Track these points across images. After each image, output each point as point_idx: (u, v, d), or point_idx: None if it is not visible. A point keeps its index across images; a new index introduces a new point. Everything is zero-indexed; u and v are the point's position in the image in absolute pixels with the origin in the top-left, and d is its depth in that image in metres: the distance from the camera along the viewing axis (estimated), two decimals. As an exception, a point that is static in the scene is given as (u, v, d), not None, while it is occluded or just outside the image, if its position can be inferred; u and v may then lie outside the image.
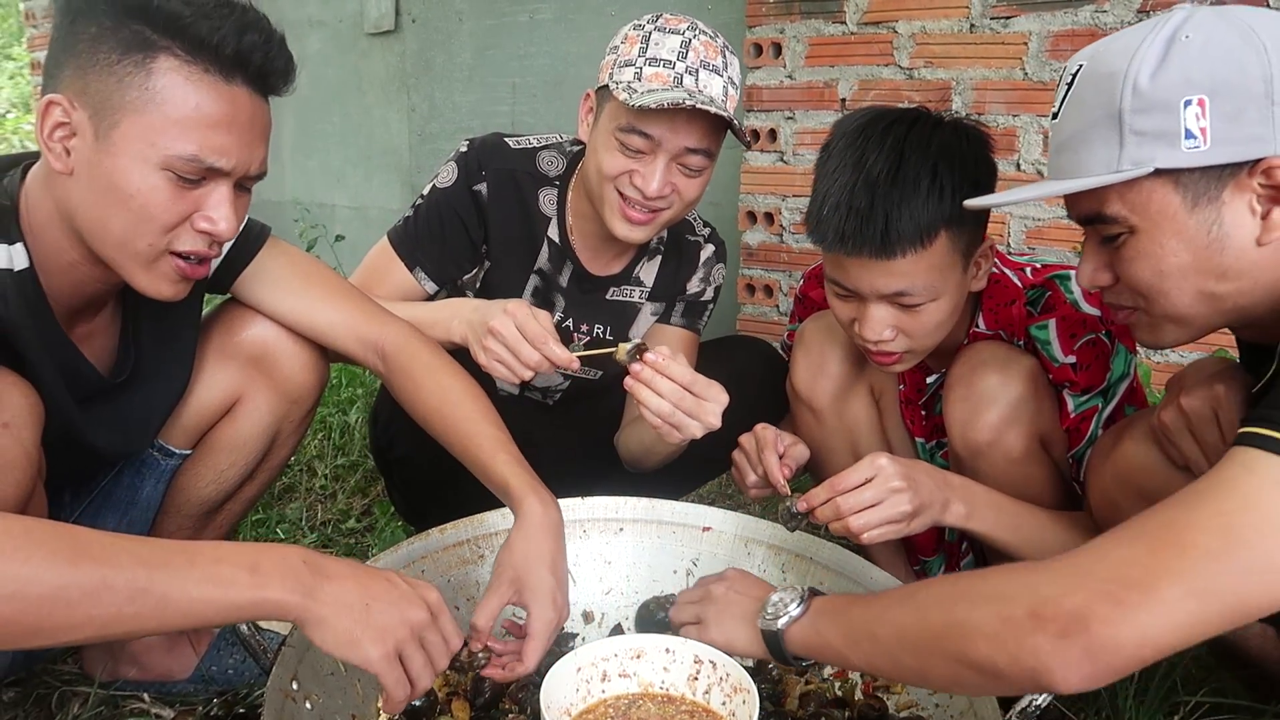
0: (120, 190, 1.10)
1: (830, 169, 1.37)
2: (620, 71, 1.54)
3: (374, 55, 3.92)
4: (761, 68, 2.67)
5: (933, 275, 1.36)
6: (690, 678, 1.28)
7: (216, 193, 1.14)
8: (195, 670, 1.52)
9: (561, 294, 1.80)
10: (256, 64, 1.12)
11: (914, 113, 1.40)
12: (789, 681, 1.36)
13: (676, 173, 1.55)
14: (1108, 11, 2.15)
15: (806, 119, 2.63)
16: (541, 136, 1.78)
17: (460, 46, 3.63)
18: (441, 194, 1.71)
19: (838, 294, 1.45)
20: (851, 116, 1.43)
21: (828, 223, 1.35)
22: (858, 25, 2.49)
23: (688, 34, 1.54)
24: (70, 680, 1.50)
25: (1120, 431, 1.30)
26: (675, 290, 1.86)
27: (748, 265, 2.82)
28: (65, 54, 1.10)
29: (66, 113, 1.09)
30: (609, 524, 1.58)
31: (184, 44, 1.08)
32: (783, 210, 2.72)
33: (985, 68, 2.34)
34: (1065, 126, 1.07)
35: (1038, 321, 1.47)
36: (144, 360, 1.34)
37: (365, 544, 2.06)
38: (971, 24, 2.33)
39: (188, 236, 1.15)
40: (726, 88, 1.55)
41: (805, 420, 1.70)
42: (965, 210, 1.32)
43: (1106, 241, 1.07)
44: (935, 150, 1.34)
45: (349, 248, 4.01)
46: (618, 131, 1.53)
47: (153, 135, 1.08)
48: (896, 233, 1.31)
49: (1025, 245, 2.37)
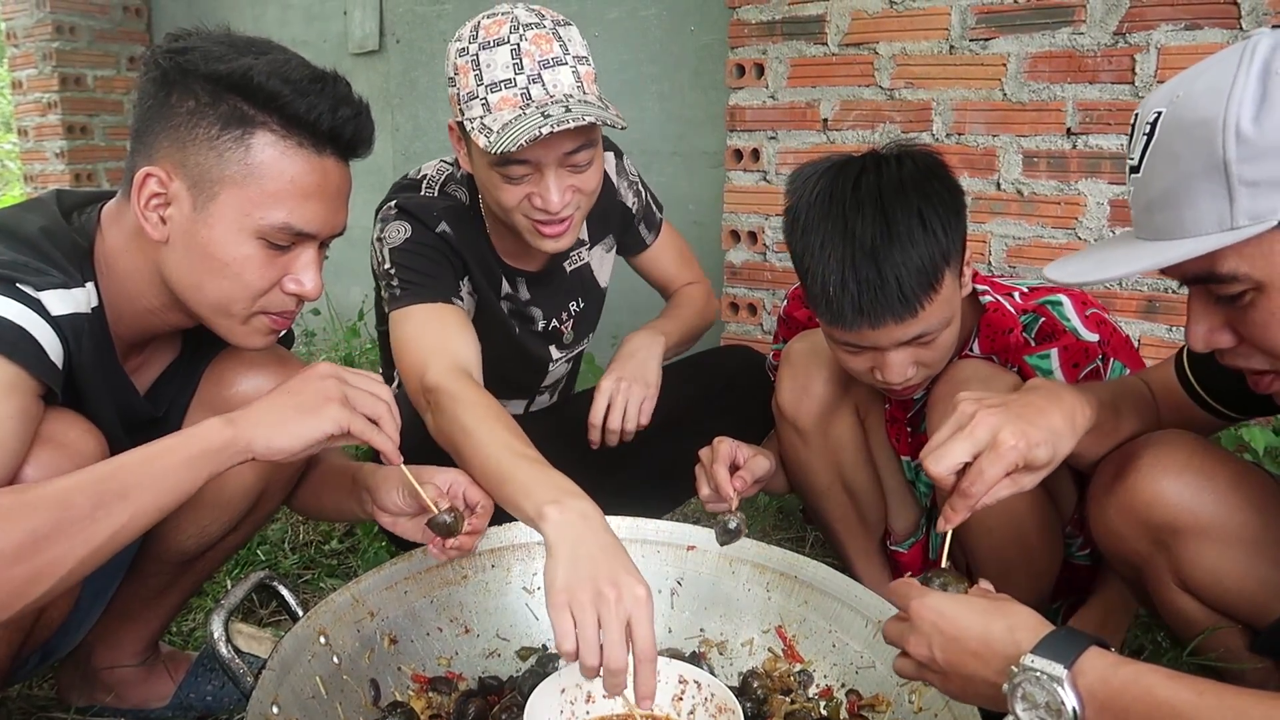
0: (217, 259, 1.15)
1: (816, 245, 1.35)
2: (469, 107, 1.49)
3: (358, 75, 3.92)
4: (744, 88, 2.69)
5: (944, 309, 1.37)
6: (675, 698, 1.27)
7: (304, 256, 1.20)
8: (173, 698, 1.50)
9: (531, 305, 1.82)
10: (348, 136, 1.18)
11: (872, 158, 1.38)
12: (774, 701, 1.36)
13: (568, 176, 1.53)
14: (1085, 34, 2.18)
15: (789, 139, 2.64)
16: (434, 174, 1.73)
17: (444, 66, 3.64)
18: (408, 244, 1.62)
19: (850, 351, 1.43)
20: (805, 180, 1.39)
21: (840, 302, 1.33)
22: (839, 46, 2.52)
23: (513, 39, 1.46)
24: (45, 705, 1.48)
25: (1123, 460, 1.27)
26: (617, 216, 1.88)
27: (731, 284, 2.83)
28: (160, 125, 1.14)
29: (163, 183, 1.13)
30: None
31: (281, 119, 1.13)
32: (766, 229, 2.74)
33: (965, 88, 2.36)
34: (1155, 182, 0.96)
35: (1038, 351, 1.47)
36: (182, 392, 1.36)
37: (349, 565, 2.04)
38: (951, 45, 2.36)
39: (278, 299, 1.21)
40: (576, 70, 1.48)
41: (790, 440, 1.70)
42: (953, 240, 1.34)
43: (1224, 301, 0.97)
44: (912, 194, 1.33)
45: (333, 268, 3.98)
46: (495, 168, 1.50)
47: (249, 207, 1.13)
48: (911, 289, 1.31)
49: (1006, 264, 2.39)
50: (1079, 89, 2.22)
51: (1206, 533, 1.21)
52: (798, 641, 1.45)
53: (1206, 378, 1.31)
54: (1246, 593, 1.21)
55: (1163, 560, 1.26)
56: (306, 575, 1.99)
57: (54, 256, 1.11)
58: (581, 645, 1.03)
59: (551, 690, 1.23)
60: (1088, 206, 2.26)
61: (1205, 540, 1.21)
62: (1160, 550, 1.25)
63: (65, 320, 1.08)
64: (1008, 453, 1.08)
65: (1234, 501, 1.21)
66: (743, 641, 1.50)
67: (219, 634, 1.17)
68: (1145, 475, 1.23)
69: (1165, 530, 1.23)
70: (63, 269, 1.11)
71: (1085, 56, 2.20)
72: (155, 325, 1.25)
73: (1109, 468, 1.29)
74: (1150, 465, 1.23)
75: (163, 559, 1.42)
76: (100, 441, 1.12)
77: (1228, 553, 1.21)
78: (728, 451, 1.49)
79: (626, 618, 1.03)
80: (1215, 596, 1.24)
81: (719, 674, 1.45)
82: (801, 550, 1.99)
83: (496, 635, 1.48)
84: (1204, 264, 0.94)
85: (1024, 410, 1.12)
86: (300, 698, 1.18)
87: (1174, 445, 1.24)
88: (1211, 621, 1.27)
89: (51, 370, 1.05)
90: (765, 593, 1.51)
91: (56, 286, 1.09)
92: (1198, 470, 1.21)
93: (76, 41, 4.65)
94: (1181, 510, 1.21)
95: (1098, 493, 1.30)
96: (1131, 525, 1.25)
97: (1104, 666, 0.85)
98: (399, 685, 1.35)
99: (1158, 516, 1.23)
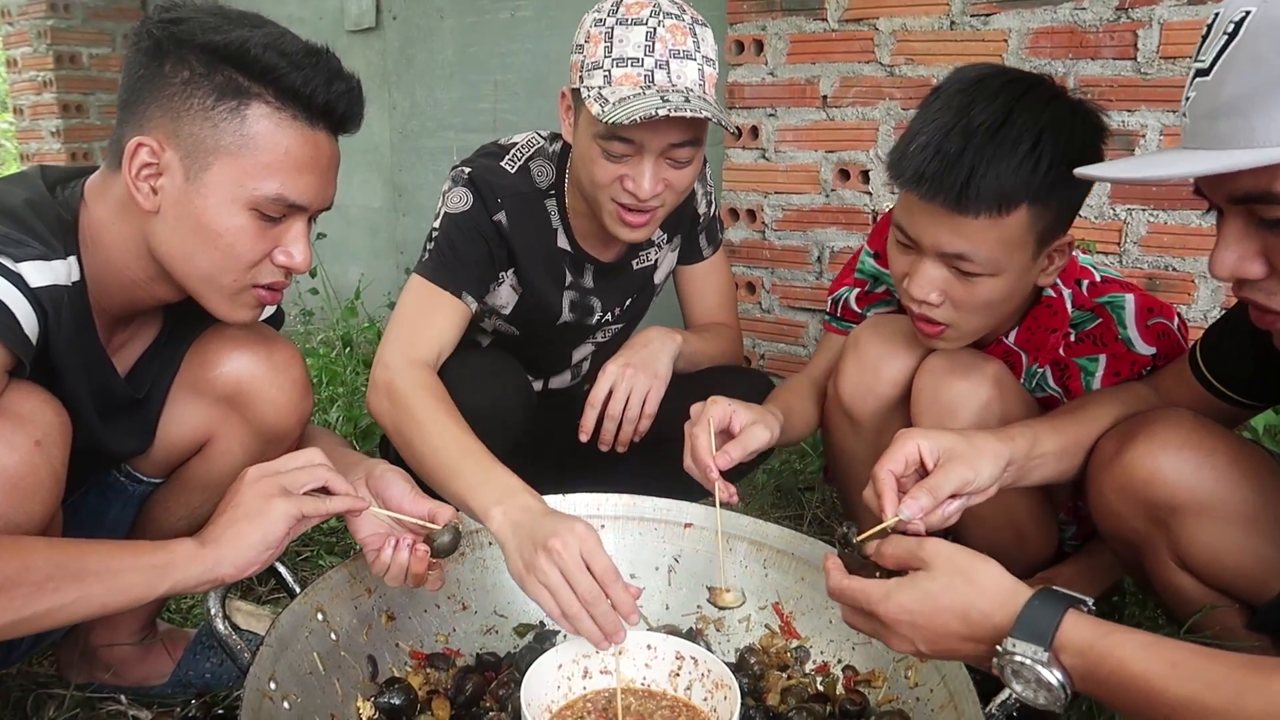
0: (209, 229, 1.15)
1: (933, 110, 1.29)
2: (590, 76, 1.50)
3: (355, 52, 3.89)
4: (743, 65, 2.67)
5: (999, 248, 1.27)
6: (672, 674, 1.28)
7: (295, 228, 1.21)
8: (172, 675, 1.51)
9: (594, 295, 1.82)
10: (340, 111, 1.18)
11: (1035, 77, 1.31)
12: (771, 677, 1.36)
13: (666, 168, 1.53)
14: (1087, 9, 2.16)
15: (788, 116, 2.63)
16: (524, 144, 1.74)
17: (442, 44, 3.62)
18: (461, 218, 1.65)
19: (899, 240, 1.37)
20: (972, 66, 1.35)
21: (911, 159, 1.26)
22: (839, 22, 2.50)
23: (651, 22, 1.47)
24: (45, 683, 1.48)
25: (1122, 439, 1.26)
26: (688, 219, 1.88)
27: (731, 262, 2.82)
28: (152, 95, 1.13)
29: (155, 154, 1.13)
30: (591, 521, 1.57)
31: (276, 92, 1.13)
32: (765, 207, 2.72)
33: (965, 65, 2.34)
34: (1229, 86, 0.88)
35: (1088, 354, 1.44)
36: (164, 372, 1.35)
37: (347, 542, 2.04)
38: (952, 21, 2.34)
39: (268, 270, 1.22)
40: (702, 69, 1.50)
41: (841, 426, 1.61)
42: (1054, 191, 1.25)
43: (1266, 225, 0.92)
44: (1046, 118, 1.24)
45: (331, 247, 3.98)
46: (599, 139, 1.50)
47: (243, 178, 1.14)
48: (977, 189, 1.22)
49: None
50: (1081, 65, 2.20)
51: (1205, 510, 1.21)
52: (795, 618, 1.46)
53: (1218, 367, 1.30)
54: (1244, 570, 1.22)
55: (1161, 538, 1.26)
56: (305, 553, 2.00)
57: (36, 228, 1.10)
58: (560, 602, 1.14)
59: (549, 666, 1.23)
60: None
61: (1203, 518, 1.21)
62: (1158, 528, 1.25)
63: (44, 292, 1.07)
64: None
65: (1232, 479, 1.20)
66: (740, 618, 1.50)
67: (216, 611, 1.17)
68: (1143, 453, 1.22)
69: (1163, 508, 1.23)
70: (44, 240, 1.10)
71: (1087, 32, 2.18)
72: (140, 298, 1.24)
73: (1108, 445, 1.28)
74: (1148, 443, 1.22)
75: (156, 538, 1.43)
76: (60, 414, 1.10)
77: (1226, 530, 1.21)
78: (720, 414, 1.37)
79: (579, 556, 1.14)
80: (1213, 574, 1.24)
81: (716, 650, 1.45)
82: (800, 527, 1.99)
83: (494, 612, 1.48)
84: (1262, 180, 0.87)
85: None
86: (298, 674, 1.19)
87: (1172, 423, 1.23)
88: (1209, 599, 1.27)
89: (22, 341, 1.04)
90: (763, 569, 1.51)
91: (36, 258, 1.07)
92: (1196, 447, 1.21)
93: (71, 19, 4.61)
94: (1180, 488, 1.21)
95: (1096, 471, 1.29)
96: (1130, 503, 1.25)
97: (1081, 639, 0.85)
98: (397, 661, 1.36)
99: (1156, 494, 1.22)
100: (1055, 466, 1.28)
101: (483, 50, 3.50)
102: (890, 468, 1.14)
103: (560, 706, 1.23)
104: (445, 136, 3.69)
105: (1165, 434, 1.22)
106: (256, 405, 1.37)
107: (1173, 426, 1.23)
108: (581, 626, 1.14)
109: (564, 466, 1.88)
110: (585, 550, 1.15)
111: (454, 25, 3.56)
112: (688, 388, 1.70)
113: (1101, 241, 2.24)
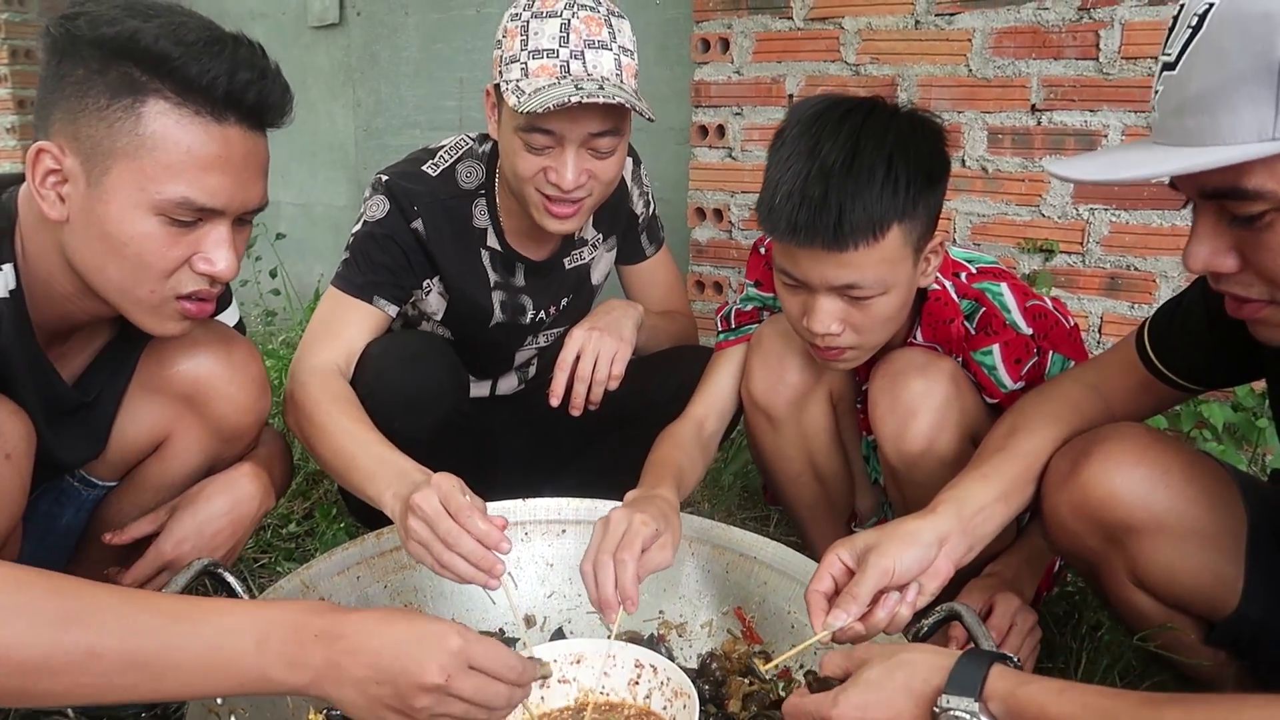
0: (115, 238, 1.07)
1: (784, 156, 1.33)
2: (508, 69, 1.51)
3: (318, 49, 3.84)
4: (709, 63, 2.66)
5: (884, 269, 1.33)
6: (631, 682, 1.26)
7: (215, 233, 1.12)
8: (122, 684, 1.47)
9: (524, 294, 1.80)
10: (250, 102, 1.09)
11: (870, 102, 1.37)
12: (732, 683, 1.35)
13: (588, 158, 1.53)
14: (1050, 9, 2.17)
15: (754, 114, 2.62)
16: (450, 147, 1.75)
17: (406, 40, 3.57)
18: (377, 225, 1.66)
19: (787, 284, 1.41)
20: (807, 102, 1.39)
21: (780, 212, 1.31)
22: (804, 21, 2.49)
23: (566, 14, 1.48)
24: (-11, 697, 1.44)
25: (1075, 457, 1.24)
26: (623, 219, 1.88)
27: (697, 262, 2.81)
28: (54, 97, 1.07)
29: (57, 160, 1.06)
30: (551, 526, 1.55)
31: (174, 86, 1.05)
32: (731, 206, 2.71)
33: (930, 64, 2.34)
34: (1194, 82, 0.87)
35: (982, 346, 1.46)
36: (116, 377, 1.31)
37: (306, 548, 2.01)
38: (917, 20, 2.34)
39: (189, 279, 1.13)
40: (619, 59, 1.50)
41: (761, 427, 1.66)
42: (918, 203, 1.31)
43: (1238, 221, 0.91)
44: (891, 141, 1.31)
45: (294, 246, 3.93)
46: (519, 132, 1.51)
47: (144, 180, 1.05)
48: (850, 224, 1.27)
49: (970, 241, 2.38)
50: (1043, 65, 2.21)
51: (1161, 529, 1.19)
52: (757, 623, 1.45)
53: (1166, 354, 1.29)
54: (1201, 587, 1.21)
55: (1117, 557, 1.24)
56: (263, 560, 1.96)
57: None
58: (433, 553, 1.14)
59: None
60: (1052, 184, 2.25)
61: (1159, 536, 1.20)
62: (1114, 547, 1.23)
63: None
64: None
65: (1188, 495, 1.19)
66: (702, 623, 1.49)
67: (160, 623, 1.13)
68: (1098, 472, 1.19)
69: (1119, 528, 1.21)
70: None
71: (1050, 32, 2.18)
72: (73, 312, 1.19)
73: (1061, 464, 1.25)
74: (1103, 461, 1.20)
75: (108, 543, 1.39)
76: (26, 424, 1.08)
77: (1181, 548, 1.19)
78: (643, 535, 1.25)
79: (438, 504, 1.13)
80: (1170, 592, 1.23)
81: (678, 656, 1.44)
82: (766, 530, 1.98)
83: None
84: (1229, 177, 0.86)
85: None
86: (246, 687, 1.15)
87: (1126, 440, 1.21)
88: (1165, 617, 1.26)
89: None
90: (725, 573, 1.50)
91: None
92: (1152, 464, 1.19)
93: (26, 13, 4.51)
94: (1135, 507, 1.19)
95: (1050, 490, 1.26)
96: (1085, 523, 1.23)
97: (1005, 690, 0.91)
98: (351, 672, 1.33)
99: (1111, 514, 1.20)
100: (1004, 511, 1.24)
101: (448, 47, 3.46)
102: (817, 587, 1.15)
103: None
104: (410, 134, 3.65)
105: (1119, 452, 1.20)
106: (214, 404, 1.34)
107: (1127, 444, 1.20)
108: (458, 570, 1.13)
109: (525, 469, 1.87)
110: (442, 496, 1.14)
111: (419, 21, 3.52)
112: (647, 369, 1.70)
113: (1065, 241, 2.26)
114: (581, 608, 1.50)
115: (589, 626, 1.49)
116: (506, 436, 1.92)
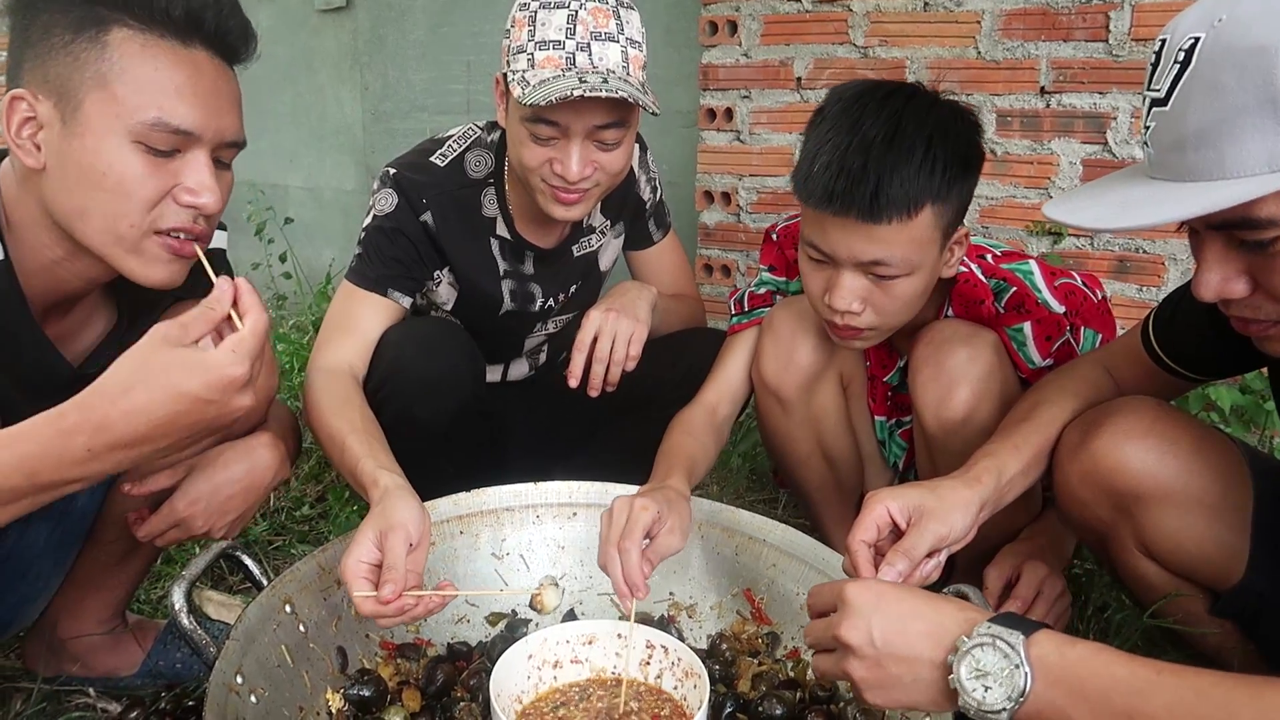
0: (93, 171, 1.07)
1: (824, 130, 1.35)
2: (515, 60, 1.51)
3: (325, 32, 3.83)
4: (717, 46, 2.65)
5: (912, 248, 1.33)
6: (643, 662, 1.28)
7: (194, 162, 1.12)
8: (142, 666, 1.50)
9: (533, 281, 1.82)
10: (210, 24, 1.11)
11: (911, 87, 1.38)
12: (742, 663, 1.37)
13: (594, 150, 1.54)
14: (1059, -10, 2.16)
15: (762, 98, 2.61)
16: (459, 137, 1.75)
17: (413, 23, 3.57)
18: (386, 219, 1.68)
19: (813, 258, 1.42)
20: (847, 85, 1.41)
21: (817, 180, 1.32)
22: (813, 3, 2.48)
23: (573, 5, 1.48)
24: (12, 676, 1.47)
25: (1086, 428, 1.27)
26: (631, 206, 1.89)
27: (705, 245, 2.81)
28: (22, 48, 1.08)
29: (31, 106, 1.07)
30: (562, 509, 1.57)
31: (135, 14, 1.07)
32: (739, 190, 2.71)
33: (939, 46, 2.34)
34: (1191, 117, 0.87)
35: (1014, 324, 1.47)
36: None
37: (320, 531, 2.03)
38: (925, 2, 2.33)
39: (171, 212, 1.12)
40: (625, 50, 1.50)
41: (771, 409, 1.68)
42: (952, 188, 1.32)
43: (1247, 246, 0.91)
44: (931, 124, 1.32)
45: (304, 230, 3.94)
46: (525, 123, 1.51)
47: (116, 108, 1.06)
48: (886, 197, 1.28)
49: (979, 225, 2.38)
50: (1053, 47, 2.20)
51: (1169, 498, 1.22)
52: (766, 604, 1.46)
53: (1169, 344, 1.32)
54: (1207, 557, 1.23)
55: (1125, 526, 1.27)
56: (277, 542, 1.98)
57: None
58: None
59: (519, 656, 1.24)
60: (1060, 166, 2.25)
61: (1167, 506, 1.22)
62: (1123, 516, 1.26)
63: None
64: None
65: (1195, 467, 1.21)
66: (711, 605, 1.50)
67: (180, 605, 1.16)
68: (1108, 442, 1.23)
69: (1128, 497, 1.24)
70: None
71: (1059, 14, 2.18)
72: (67, 279, 1.18)
73: (1072, 435, 1.28)
74: (1113, 432, 1.23)
75: (121, 524, 1.41)
76: None
77: (1189, 518, 1.22)
78: (643, 521, 1.26)
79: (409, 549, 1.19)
80: (1177, 561, 1.25)
81: (688, 637, 1.46)
82: (774, 512, 2.00)
83: (465, 601, 1.48)
84: (1240, 209, 0.86)
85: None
86: (266, 667, 1.18)
87: (1136, 411, 1.24)
88: (1172, 587, 1.28)
89: None
90: (734, 556, 1.51)
91: None
92: (1160, 435, 1.22)
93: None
94: (1144, 477, 1.22)
95: (1062, 460, 1.30)
96: (1095, 492, 1.26)
97: (1059, 642, 0.85)
98: (367, 653, 1.35)
99: (1121, 483, 1.23)
100: (1024, 482, 1.28)
101: (455, 30, 3.46)
102: (862, 537, 1.13)
103: (531, 699, 1.23)
104: (418, 118, 3.65)
105: (1129, 423, 1.23)
106: None
107: (1137, 415, 1.23)
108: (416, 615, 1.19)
109: (536, 453, 1.89)
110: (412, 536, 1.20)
111: (425, 4, 3.51)
112: (657, 352, 1.72)
113: (1073, 225, 2.25)
114: (593, 590, 1.52)
115: (600, 608, 1.51)
116: (518, 421, 1.94)
